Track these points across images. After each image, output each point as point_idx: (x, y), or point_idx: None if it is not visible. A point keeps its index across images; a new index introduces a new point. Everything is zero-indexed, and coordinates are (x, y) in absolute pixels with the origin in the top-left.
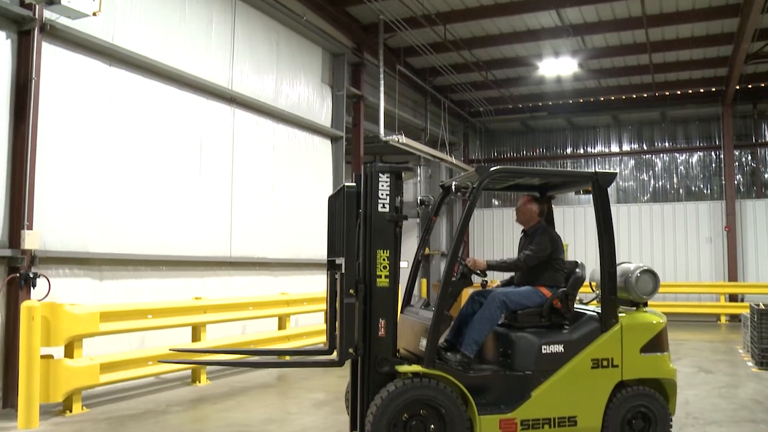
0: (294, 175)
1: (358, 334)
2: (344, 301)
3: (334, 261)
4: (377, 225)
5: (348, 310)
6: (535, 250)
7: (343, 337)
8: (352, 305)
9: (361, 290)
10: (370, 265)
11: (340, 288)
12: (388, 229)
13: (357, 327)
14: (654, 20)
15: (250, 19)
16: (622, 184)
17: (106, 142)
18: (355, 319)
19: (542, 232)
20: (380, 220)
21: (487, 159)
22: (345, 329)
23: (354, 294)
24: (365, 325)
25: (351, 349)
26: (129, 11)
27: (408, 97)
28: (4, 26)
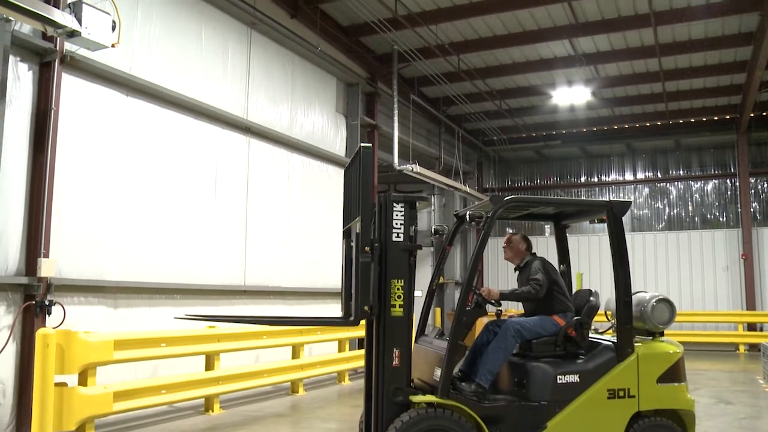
0: (308, 204)
1: (372, 294)
2: (359, 259)
3: (349, 230)
4: (392, 254)
5: (363, 269)
6: (539, 278)
7: (359, 296)
8: (367, 264)
9: (376, 249)
10: (384, 295)
11: (356, 248)
12: (403, 259)
13: (372, 286)
14: (667, 49)
15: (266, 50)
16: (637, 212)
17: (122, 171)
18: (370, 278)
19: (535, 262)
20: (395, 249)
21: (501, 188)
22: (360, 288)
23: (369, 252)
24: (379, 355)
25: (366, 307)
26: (146, 42)
27: (422, 126)
28: (26, 58)
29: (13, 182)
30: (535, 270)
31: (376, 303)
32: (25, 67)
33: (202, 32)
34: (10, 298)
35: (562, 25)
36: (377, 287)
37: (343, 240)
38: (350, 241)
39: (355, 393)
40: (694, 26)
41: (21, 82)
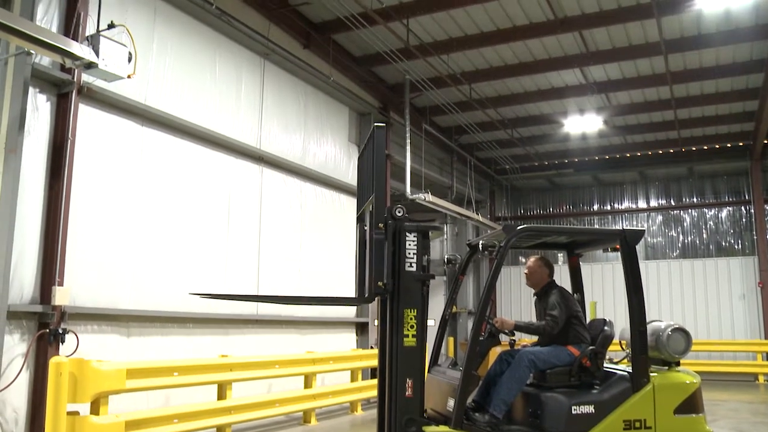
0: (321, 233)
1: (387, 270)
2: (374, 236)
3: (362, 215)
4: (405, 284)
5: (377, 246)
6: (557, 313)
7: (372, 272)
8: (381, 241)
9: (390, 226)
10: (397, 325)
11: (370, 226)
12: (416, 289)
13: (386, 262)
14: (678, 76)
15: (279, 80)
16: (650, 240)
17: (137, 200)
18: (384, 255)
19: (555, 293)
20: (408, 279)
21: (514, 216)
22: (374, 264)
23: (383, 229)
24: (391, 384)
25: (380, 282)
26: (161, 73)
27: (434, 155)
28: (45, 89)
29: (30, 211)
30: (553, 304)
31: (390, 280)
32: (44, 98)
33: (216, 63)
34: (24, 326)
35: (573, 54)
36: (390, 267)
37: (357, 224)
38: (364, 225)
39: (368, 423)
40: (704, 54)
41: (39, 112)
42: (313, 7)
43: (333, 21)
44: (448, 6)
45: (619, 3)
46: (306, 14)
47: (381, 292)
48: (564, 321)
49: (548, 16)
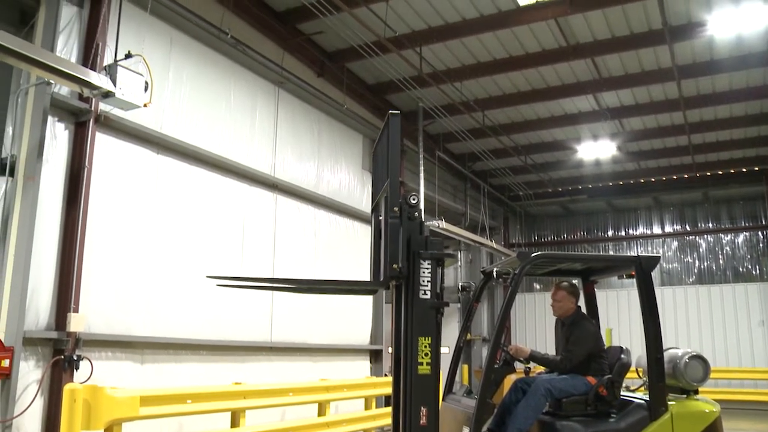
0: (335, 260)
1: (401, 254)
2: (388, 220)
3: (377, 205)
4: (418, 312)
5: (392, 229)
6: (575, 351)
7: (388, 255)
8: (396, 224)
9: (405, 209)
10: (411, 353)
11: (385, 210)
12: (430, 316)
13: (401, 246)
14: (691, 102)
15: (293, 108)
16: (666, 266)
17: (151, 227)
18: (399, 238)
19: (579, 327)
20: (421, 306)
21: (528, 243)
22: (390, 247)
23: (398, 212)
24: (406, 413)
25: (395, 265)
26: (177, 101)
27: (447, 182)
28: (63, 118)
29: (47, 238)
30: (575, 339)
31: (405, 263)
32: (62, 126)
33: (231, 91)
34: (39, 352)
35: (585, 81)
36: (405, 254)
37: (372, 214)
38: (378, 215)
39: None
40: (717, 79)
41: (57, 140)
42: (327, 36)
43: (347, 49)
44: (461, 34)
45: (631, 29)
46: (320, 43)
47: (396, 275)
48: (583, 356)
49: (560, 43)
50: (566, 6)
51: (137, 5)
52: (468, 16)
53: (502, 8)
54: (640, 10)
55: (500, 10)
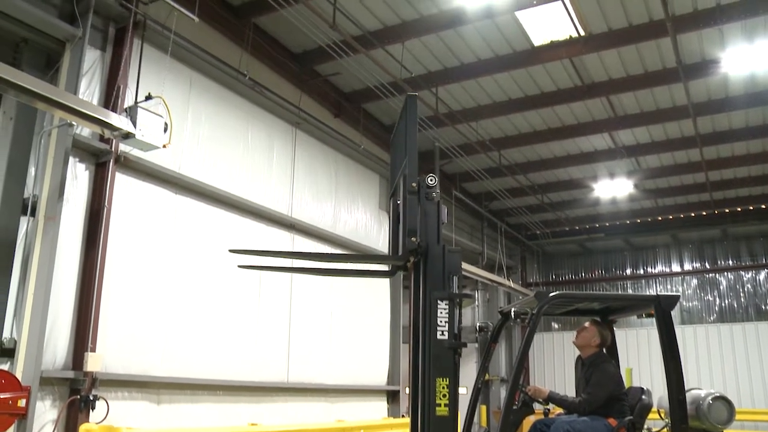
0: (352, 300)
1: (420, 227)
2: (406, 196)
3: (396, 189)
4: (436, 352)
5: (410, 204)
6: (596, 392)
7: (406, 229)
8: (413, 199)
9: (423, 185)
10: (429, 394)
11: (403, 186)
12: (447, 357)
13: (419, 220)
14: (707, 139)
15: (310, 148)
16: (686, 304)
17: (169, 266)
18: (417, 212)
19: (600, 369)
20: (439, 347)
21: (546, 282)
22: (407, 221)
23: (416, 187)
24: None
25: (413, 238)
26: (195, 142)
27: (465, 221)
28: (84, 159)
29: (66, 277)
30: (596, 382)
31: (424, 236)
32: (83, 167)
33: (249, 131)
34: (56, 392)
35: (601, 119)
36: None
37: (390, 200)
38: (397, 200)
39: None
40: (733, 116)
41: (78, 181)
42: (344, 78)
43: (363, 90)
44: (476, 74)
45: (646, 68)
46: (337, 84)
47: (413, 248)
48: (603, 398)
49: (575, 82)
50: (580, 45)
51: (158, 48)
52: (483, 56)
53: (517, 48)
54: (654, 49)
55: (515, 50)
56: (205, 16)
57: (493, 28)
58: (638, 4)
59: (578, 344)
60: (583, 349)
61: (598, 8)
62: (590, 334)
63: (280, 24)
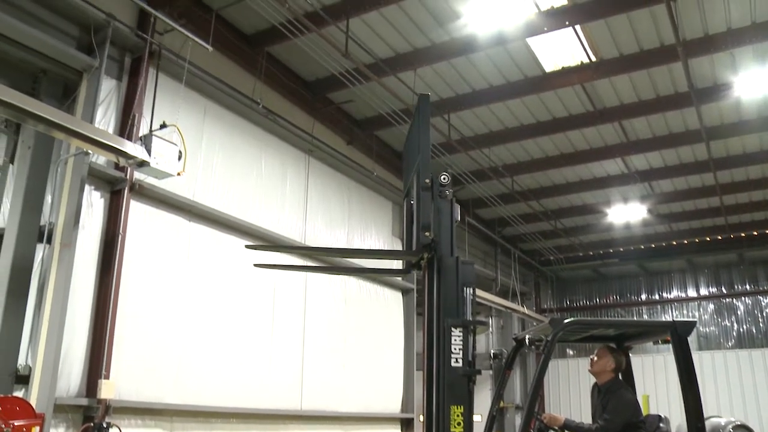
0: (365, 327)
1: (433, 222)
2: (420, 193)
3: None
4: (450, 380)
5: (423, 199)
6: (612, 419)
7: (420, 224)
8: (428, 195)
9: (437, 183)
10: (443, 421)
11: (417, 182)
12: (462, 384)
13: (432, 216)
14: (721, 163)
15: (323, 175)
16: (703, 329)
17: (182, 293)
18: (431, 208)
19: (617, 395)
20: (453, 375)
21: (560, 308)
22: (421, 217)
23: (429, 183)
24: None
25: (427, 233)
26: (209, 170)
27: (478, 247)
28: (99, 187)
29: (80, 304)
30: (612, 408)
31: (438, 232)
32: (98, 195)
33: (262, 159)
34: (69, 419)
35: (613, 144)
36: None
37: (404, 199)
38: (410, 200)
39: None
40: (747, 139)
41: (93, 208)
42: (356, 105)
43: (376, 117)
44: (488, 101)
45: (658, 93)
46: (349, 111)
47: (427, 242)
48: (620, 426)
49: (587, 107)
50: (592, 71)
51: (172, 77)
52: (495, 83)
53: (529, 74)
54: (666, 74)
55: (526, 77)
56: (219, 45)
57: (505, 54)
58: (649, 29)
59: (594, 371)
60: (599, 375)
61: (609, 34)
62: (605, 361)
63: (293, 52)
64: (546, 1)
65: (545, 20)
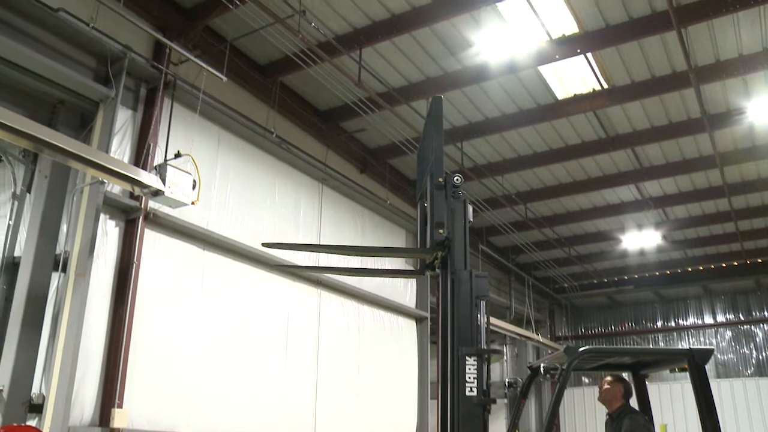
0: (379, 356)
1: (446, 221)
2: (433, 192)
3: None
4: (464, 409)
5: (437, 198)
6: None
7: (433, 221)
8: (441, 195)
9: (449, 180)
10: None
11: (430, 182)
12: (477, 413)
13: (446, 214)
14: (735, 188)
15: (336, 203)
16: (721, 357)
17: (196, 322)
18: (445, 206)
19: (629, 419)
20: (468, 404)
21: (575, 335)
22: (435, 215)
23: (442, 182)
24: None
25: (441, 230)
26: (223, 198)
27: (492, 275)
28: (114, 216)
29: (94, 333)
30: None
31: (451, 227)
32: (113, 224)
33: (276, 188)
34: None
35: (626, 171)
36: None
37: (418, 203)
38: (424, 203)
39: None
40: (762, 164)
41: (108, 237)
42: (369, 134)
43: (389, 146)
44: (501, 129)
45: (670, 119)
46: (362, 140)
47: (441, 240)
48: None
49: (600, 134)
50: (604, 98)
51: (187, 107)
52: (507, 110)
53: (541, 102)
54: (678, 100)
55: (539, 104)
56: (233, 75)
57: (517, 82)
58: (660, 56)
59: (603, 400)
60: (609, 403)
61: (621, 61)
62: (613, 389)
63: (307, 82)
64: (557, 29)
65: (557, 48)
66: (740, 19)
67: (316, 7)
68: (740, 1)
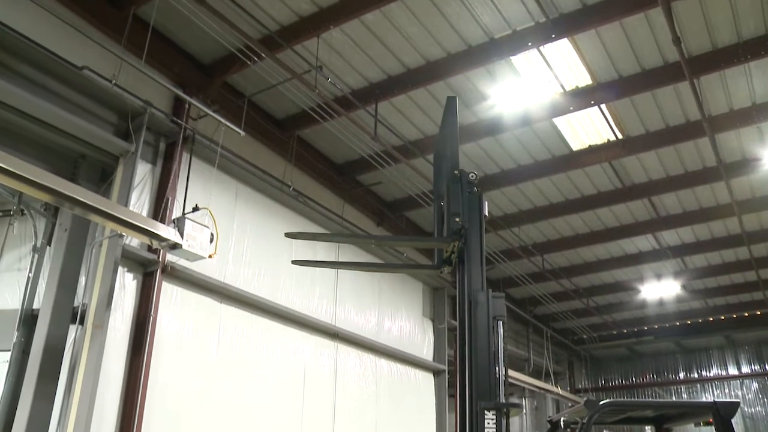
0: (396, 410)
1: (463, 210)
2: (449, 185)
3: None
4: None
5: (453, 190)
6: None
7: (449, 211)
8: (457, 187)
9: (464, 175)
10: None
11: (446, 173)
12: None
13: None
14: (755, 236)
15: (354, 257)
16: (748, 410)
17: (213, 374)
18: (460, 197)
19: None
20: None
21: (595, 388)
22: (451, 205)
23: (458, 175)
24: None
25: (457, 218)
26: (241, 252)
27: (509, 327)
28: (132, 269)
29: (111, 385)
30: None
31: (466, 218)
32: (131, 276)
33: (293, 241)
34: None
35: (643, 220)
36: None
37: (434, 203)
38: (441, 202)
39: None
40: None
41: (126, 290)
42: (386, 186)
43: (405, 199)
44: (517, 180)
45: (686, 168)
46: (379, 193)
47: (457, 228)
48: None
49: (616, 184)
50: (619, 149)
51: (205, 161)
52: (522, 162)
53: (556, 153)
54: (693, 149)
55: (554, 156)
56: (250, 130)
57: (531, 134)
58: (674, 106)
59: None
60: None
61: (635, 111)
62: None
63: (323, 136)
64: (571, 81)
65: (570, 100)
66: (752, 69)
67: (333, 62)
68: (751, 52)
